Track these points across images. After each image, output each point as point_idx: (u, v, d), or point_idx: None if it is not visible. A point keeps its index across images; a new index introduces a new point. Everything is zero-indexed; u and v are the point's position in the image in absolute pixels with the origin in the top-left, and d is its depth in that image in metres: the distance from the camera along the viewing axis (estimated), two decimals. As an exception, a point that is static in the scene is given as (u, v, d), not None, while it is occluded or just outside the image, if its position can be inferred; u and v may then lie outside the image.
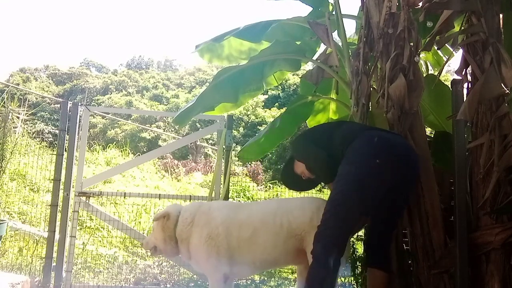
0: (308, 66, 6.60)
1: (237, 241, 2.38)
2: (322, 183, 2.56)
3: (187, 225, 2.49)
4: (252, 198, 7.66)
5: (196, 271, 3.91)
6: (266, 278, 4.35)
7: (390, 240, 2.38)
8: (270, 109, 20.47)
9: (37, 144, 8.18)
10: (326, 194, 3.93)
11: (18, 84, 24.53)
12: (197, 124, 18.78)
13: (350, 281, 3.15)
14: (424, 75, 3.59)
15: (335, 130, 2.42)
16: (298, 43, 3.88)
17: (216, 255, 2.37)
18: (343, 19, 3.41)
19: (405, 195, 2.32)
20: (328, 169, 2.30)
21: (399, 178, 2.18)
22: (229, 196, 3.72)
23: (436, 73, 3.69)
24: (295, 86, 20.23)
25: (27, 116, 7.71)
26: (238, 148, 11.66)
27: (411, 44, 2.56)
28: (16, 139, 5.77)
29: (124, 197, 4.64)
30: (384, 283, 2.29)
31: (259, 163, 12.90)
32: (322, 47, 3.90)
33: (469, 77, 2.51)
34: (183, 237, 2.50)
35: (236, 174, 10.30)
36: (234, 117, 4.00)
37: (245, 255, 2.40)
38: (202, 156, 16.65)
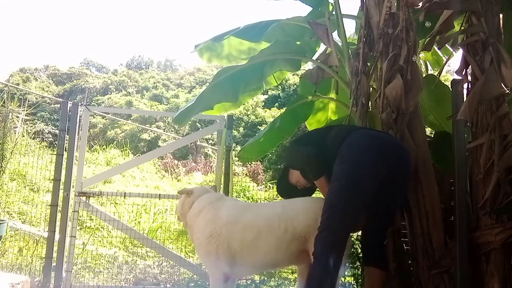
0: (308, 66, 6.60)
1: (239, 243, 2.36)
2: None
3: (195, 214, 2.51)
4: (252, 198, 7.66)
5: (196, 271, 3.92)
6: (266, 278, 4.35)
7: (386, 239, 2.38)
8: (270, 109, 20.46)
9: (37, 144, 8.19)
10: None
11: (18, 84, 24.53)
12: (197, 124, 18.79)
13: (350, 281, 3.16)
14: (424, 75, 3.59)
15: (327, 133, 2.42)
16: (298, 43, 3.88)
17: (215, 254, 2.36)
18: (343, 19, 3.40)
19: (399, 193, 2.32)
20: (316, 164, 2.32)
21: (392, 176, 2.18)
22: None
23: (436, 73, 3.69)
24: (295, 86, 20.20)
25: (27, 116, 7.71)
26: (238, 148, 11.66)
27: (409, 44, 2.56)
28: (16, 139, 5.78)
29: (124, 197, 4.65)
30: (382, 281, 2.28)
31: (259, 163, 12.89)
32: (322, 47, 3.90)
33: (469, 77, 2.50)
34: (190, 223, 2.54)
35: (236, 174, 10.30)
36: (234, 117, 4.00)
37: (246, 257, 2.38)
38: (202, 156, 16.64)
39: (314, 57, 3.91)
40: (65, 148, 3.63)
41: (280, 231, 2.32)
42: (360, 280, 2.95)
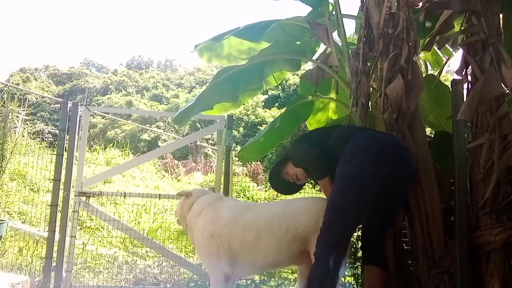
0: (308, 66, 6.60)
1: (239, 243, 2.36)
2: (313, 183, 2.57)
3: (194, 215, 2.51)
4: (252, 198, 7.67)
5: (196, 271, 3.92)
6: (266, 278, 4.35)
7: (386, 238, 2.39)
8: (270, 109, 20.45)
9: (37, 144, 8.20)
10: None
11: (18, 84, 24.54)
12: (197, 124, 18.78)
13: (350, 281, 3.15)
14: (424, 75, 3.59)
15: (330, 132, 2.43)
16: (298, 43, 3.87)
17: (216, 255, 2.37)
18: (343, 19, 3.40)
19: (400, 193, 2.33)
20: (320, 164, 2.32)
21: (393, 176, 2.19)
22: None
23: (436, 73, 3.68)
24: (295, 86, 20.21)
25: (27, 116, 7.72)
26: (238, 148, 11.65)
27: (410, 44, 2.56)
28: (16, 139, 5.78)
29: (124, 197, 4.65)
30: (382, 281, 2.29)
31: (259, 163, 12.88)
32: (322, 47, 3.90)
33: (469, 77, 2.50)
34: (190, 224, 2.55)
35: (236, 174, 10.29)
36: (234, 117, 4.00)
37: (246, 257, 2.38)
38: (202, 156, 16.63)
39: (314, 57, 3.91)
40: (65, 148, 3.63)
41: (281, 231, 2.32)
42: (360, 280, 2.95)
